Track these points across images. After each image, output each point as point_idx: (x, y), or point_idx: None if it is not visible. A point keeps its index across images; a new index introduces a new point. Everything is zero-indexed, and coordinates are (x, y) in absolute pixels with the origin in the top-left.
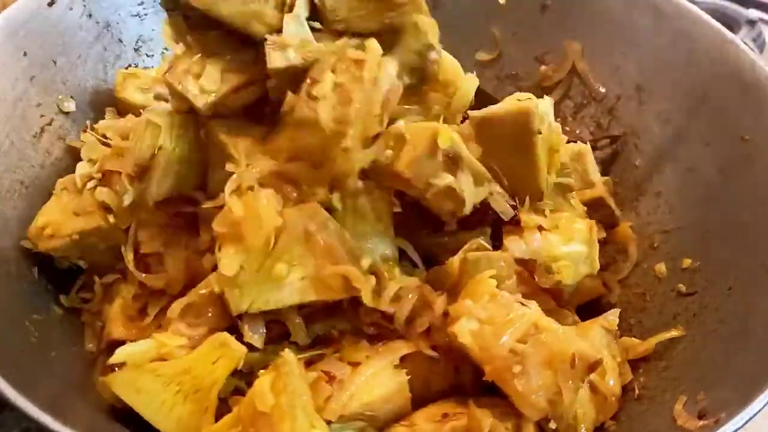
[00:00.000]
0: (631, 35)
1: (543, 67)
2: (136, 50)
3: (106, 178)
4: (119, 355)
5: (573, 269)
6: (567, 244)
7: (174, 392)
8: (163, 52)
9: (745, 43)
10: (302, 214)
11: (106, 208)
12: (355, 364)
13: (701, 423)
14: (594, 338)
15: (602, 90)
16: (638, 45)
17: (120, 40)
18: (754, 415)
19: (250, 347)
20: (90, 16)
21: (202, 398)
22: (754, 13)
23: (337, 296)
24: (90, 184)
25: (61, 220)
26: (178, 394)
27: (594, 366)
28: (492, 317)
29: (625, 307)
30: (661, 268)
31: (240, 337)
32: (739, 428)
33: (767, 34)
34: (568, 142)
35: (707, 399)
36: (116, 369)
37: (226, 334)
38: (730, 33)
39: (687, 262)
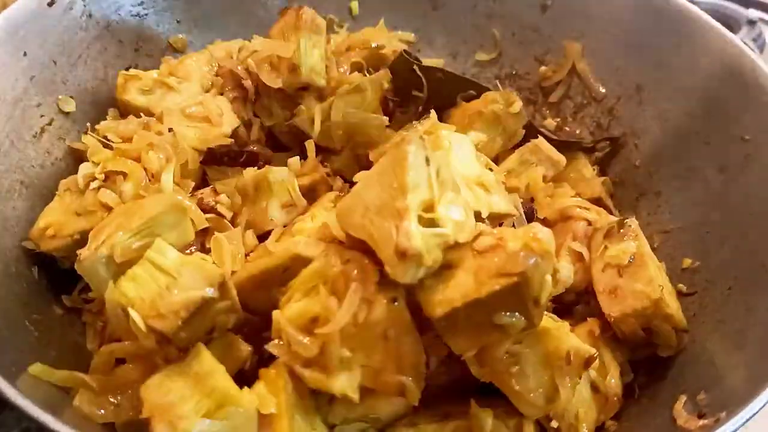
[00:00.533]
0: (631, 35)
1: (543, 68)
2: (136, 50)
3: (109, 179)
4: None
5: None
6: None
7: None
8: (163, 53)
9: (745, 43)
10: (389, 316)
11: (108, 209)
12: None
13: (701, 422)
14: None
15: (602, 90)
16: (638, 45)
17: (120, 40)
18: (754, 414)
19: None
20: (90, 16)
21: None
22: (754, 13)
23: (387, 394)
24: (93, 185)
25: (63, 220)
26: None
27: (589, 361)
28: None
29: None
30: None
31: (244, 337)
32: (739, 427)
33: (767, 34)
34: (569, 142)
35: (707, 399)
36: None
37: (232, 335)
38: (730, 33)
39: (687, 262)
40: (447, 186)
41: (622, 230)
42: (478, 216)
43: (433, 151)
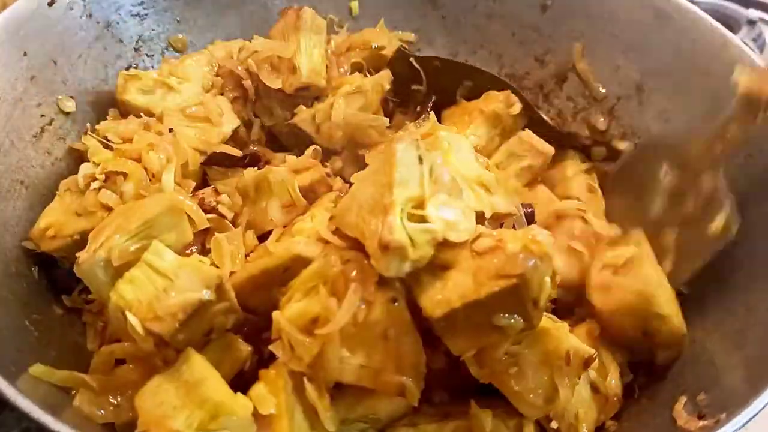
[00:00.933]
0: (631, 35)
1: (543, 68)
2: (136, 50)
3: (109, 179)
4: None
5: None
6: None
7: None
8: (163, 53)
9: (745, 43)
10: (389, 316)
11: (108, 209)
12: None
13: (701, 423)
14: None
15: (602, 90)
16: (638, 45)
17: (120, 40)
18: (755, 415)
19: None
20: (90, 16)
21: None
22: (754, 13)
23: (388, 394)
24: (93, 185)
25: (63, 220)
26: None
27: (589, 362)
28: None
29: None
30: None
31: (244, 337)
32: (739, 428)
33: (767, 34)
34: (568, 134)
35: (707, 399)
36: None
37: (231, 335)
38: (730, 33)
39: None
40: (442, 185)
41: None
42: (480, 217)
43: (428, 151)
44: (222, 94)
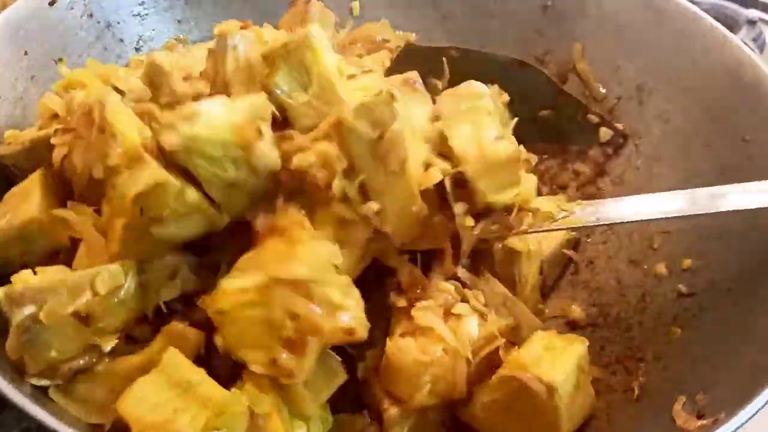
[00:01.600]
0: (631, 35)
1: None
2: (137, 50)
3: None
4: None
5: None
6: None
7: None
8: None
9: (745, 43)
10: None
11: (54, 116)
12: None
13: (700, 423)
14: None
15: (602, 90)
16: (638, 45)
17: (121, 40)
18: (754, 414)
19: None
20: (90, 15)
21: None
22: (754, 13)
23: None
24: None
25: (25, 132)
26: None
27: None
28: None
29: (625, 308)
30: (661, 268)
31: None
32: (738, 428)
33: (767, 34)
34: (575, 98)
35: (706, 399)
36: None
37: (178, 324)
38: (730, 33)
39: (687, 263)
40: None
41: None
42: None
43: None
44: None
